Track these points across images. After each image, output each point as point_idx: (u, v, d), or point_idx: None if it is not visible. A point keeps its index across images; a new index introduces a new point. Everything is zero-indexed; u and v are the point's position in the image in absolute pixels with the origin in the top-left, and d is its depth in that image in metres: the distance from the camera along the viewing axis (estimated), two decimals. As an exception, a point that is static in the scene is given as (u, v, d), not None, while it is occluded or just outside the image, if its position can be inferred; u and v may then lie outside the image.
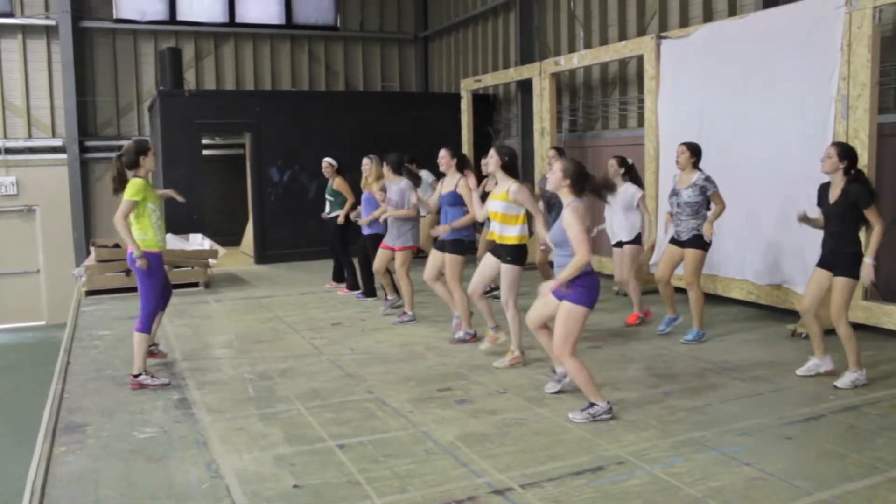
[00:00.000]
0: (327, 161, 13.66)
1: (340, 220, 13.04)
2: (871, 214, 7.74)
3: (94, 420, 7.38)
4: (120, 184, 8.29)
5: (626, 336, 10.26)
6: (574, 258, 6.91)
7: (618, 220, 10.84)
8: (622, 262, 10.88)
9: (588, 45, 16.48)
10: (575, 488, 5.75)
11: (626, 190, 10.63)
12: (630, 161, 10.89)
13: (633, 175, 10.84)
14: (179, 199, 9.35)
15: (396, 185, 11.16)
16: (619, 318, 11.01)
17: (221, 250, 15.49)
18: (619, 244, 10.93)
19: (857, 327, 8.66)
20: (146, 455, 6.53)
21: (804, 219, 8.32)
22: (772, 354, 8.88)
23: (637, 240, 10.79)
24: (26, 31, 21.34)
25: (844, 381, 7.79)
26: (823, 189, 8.09)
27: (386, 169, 11.39)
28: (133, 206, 8.11)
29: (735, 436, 6.69)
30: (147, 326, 8.27)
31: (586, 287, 7.05)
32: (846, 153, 7.88)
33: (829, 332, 8.36)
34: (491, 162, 8.94)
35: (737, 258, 11.53)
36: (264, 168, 18.29)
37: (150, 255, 8.19)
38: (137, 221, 8.20)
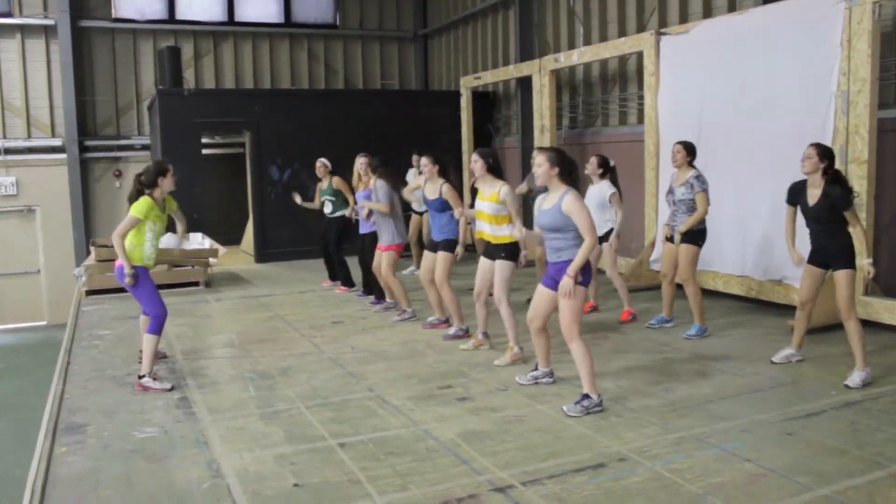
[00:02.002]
0: (322, 161, 13.73)
1: (348, 213, 12.97)
2: (850, 216, 7.84)
3: (94, 420, 7.39)
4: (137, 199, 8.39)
5: (626, 332, 10.26)
6: (584, 243, 7.04)
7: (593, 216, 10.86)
8: (605, 259, 10.88)
9: (588, 42, 16.47)
10: (576, 485, 5.75)
11: (601, 187, 10.65)
12: (612, 163, 10.87)
13: (612, 176, 10.81)
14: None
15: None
16: (617, 315, 11.02)
17: (221, 249, 15.49)
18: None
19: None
20: (147, 455, 6.53)
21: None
22: (772, 350, 8.85)
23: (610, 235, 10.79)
24: (25, 30, 21.35)
25: (854, 379, 7.74)
26: (799, 188, 8.14)
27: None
28: (135, 222, 8.18)
29: (736, 432, 6.69)
30: (156, 328, 8.28)
31: (587, 272, 7.18)
32: (825, 153, 7.93)
33: (836, 326, 8.41)
34: (476, 167, 9.01)
35: (737, 254, 11.54)
36: (264, 167, 18.30)
37: (137, 268, 8.22)
38: (132, 235, 8.26)
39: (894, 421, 6.85)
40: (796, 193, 8.16)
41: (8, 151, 21.37)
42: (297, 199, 14.13)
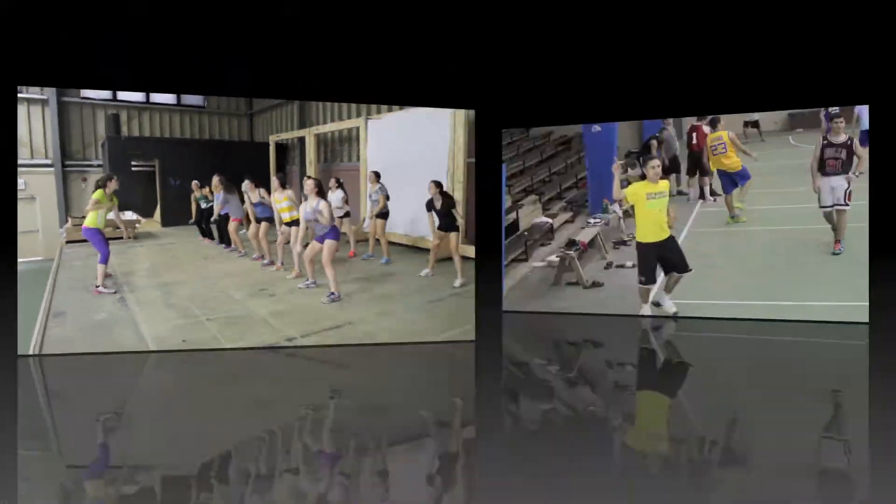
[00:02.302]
0: (195, 182, 12.54)
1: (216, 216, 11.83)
2: (455, 212, 8.29)
3: (70, 310, 6.67)
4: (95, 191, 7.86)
5: (354, 262, 10.10)
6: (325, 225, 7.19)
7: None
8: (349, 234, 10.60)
9: (332, 120, 16.10)
10: (328, 336, 5.77)
11: (336, 195, 10.26)
12: (341, 181, 10.56)
13: (343, 188, 10.53)
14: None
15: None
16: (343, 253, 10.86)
17: (143, 220, 14.07)
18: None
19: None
20: (103, 328, 6.01)
21: None
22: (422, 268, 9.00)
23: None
24: (29, 101, 18.34)
25: (460, 282, 7.91)
26: (430, 202, 8.49)
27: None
28: (94, 202, 7.81)
29: (410, 308, 6.85)
30: (104, 260, 7.68)
31: (336, 231, 7.46)
32: (438, 184, 8.51)
33: (448, 259, 8.73)
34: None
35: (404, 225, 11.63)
36: (167, 178, 16.77)
37: (93, 229, 7.79)
38: (92, 213, 7.82)
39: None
40: (431, 205, 8.43)
41: (19, 166, 18.41)
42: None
